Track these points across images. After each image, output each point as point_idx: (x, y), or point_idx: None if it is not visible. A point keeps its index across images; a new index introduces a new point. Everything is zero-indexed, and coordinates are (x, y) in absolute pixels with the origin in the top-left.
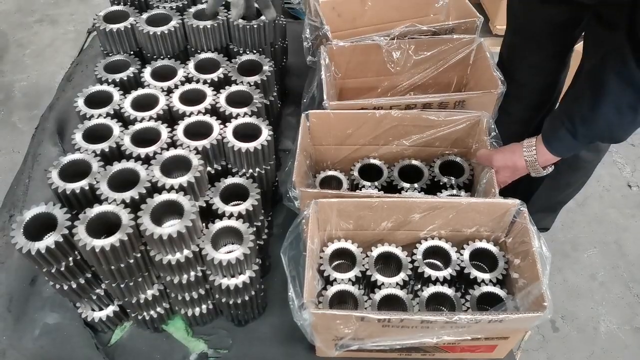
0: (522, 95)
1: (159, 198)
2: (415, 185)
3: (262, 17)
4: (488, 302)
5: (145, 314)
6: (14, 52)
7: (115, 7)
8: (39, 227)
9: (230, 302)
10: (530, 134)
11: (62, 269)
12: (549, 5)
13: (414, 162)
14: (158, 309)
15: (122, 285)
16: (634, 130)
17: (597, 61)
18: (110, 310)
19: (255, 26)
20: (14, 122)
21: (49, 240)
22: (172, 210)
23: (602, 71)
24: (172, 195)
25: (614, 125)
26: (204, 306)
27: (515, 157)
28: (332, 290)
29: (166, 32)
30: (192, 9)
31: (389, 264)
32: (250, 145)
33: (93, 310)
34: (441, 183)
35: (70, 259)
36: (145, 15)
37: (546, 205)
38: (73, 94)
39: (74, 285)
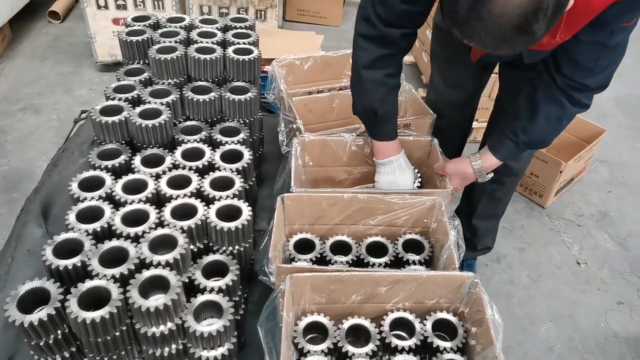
0: (444, 124)
1: (146, 273)
2: (381, 260)
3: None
4: None
5: None
6: None
7: (110, 102)
8: (31, 301)
9: None
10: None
11: (51, 341)
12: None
13: (379, 239)
14: None
15: (105, 358)
16: (557, 135)
17: (529, 88)
18: None
19: (243, 99)
20: None
21: (42, 313)
22: (158, 285)
23: (535, 95)
24: (159, 271)
25: (545, 133)
26: None
27: (464, 166)
28: None
29: (157, 124)
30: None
31: (358, 336)
32: (232, 225)
33: None
34: (404, 259)
35: (59, 332)
36: (138, 109)
37: (488, 214)
38: (59, 178)
39: (59, 359)
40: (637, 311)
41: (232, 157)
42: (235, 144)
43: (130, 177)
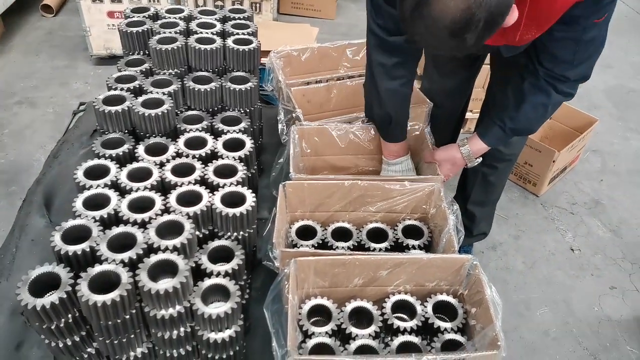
0: (438, 113)
1: (155, 257)
2: (381, 245)
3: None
4: (451, 349)
5: None
6: None
7: (112, 92)
8: (42, 285)
9: (216, 358)
10: (450, 133)
11: (62, 325)
12: None
13: (379, 225)
14: None
15: (115, 342)
16: (543, 123)
17: (517, 78)
18: None
19: (243, 89)
20: None
21: (53, 296)
22: (166, 269)
23: (522, 84)
24: (167, 255)
25: (531, 120)
26: None
27: (453, 152)
28: (310, 342)
29: (160, 114)
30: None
31: (361, 318)
32: (237, 210)
33: None
34: (404, 244)
35: (70, 315)
36: (141, 99)
37: (482, 200)
38: (59, 169)
39: (69, 343)
40: (629, 295)
41: (234, 145)
42: (237, 132)
43: (135, 165)
